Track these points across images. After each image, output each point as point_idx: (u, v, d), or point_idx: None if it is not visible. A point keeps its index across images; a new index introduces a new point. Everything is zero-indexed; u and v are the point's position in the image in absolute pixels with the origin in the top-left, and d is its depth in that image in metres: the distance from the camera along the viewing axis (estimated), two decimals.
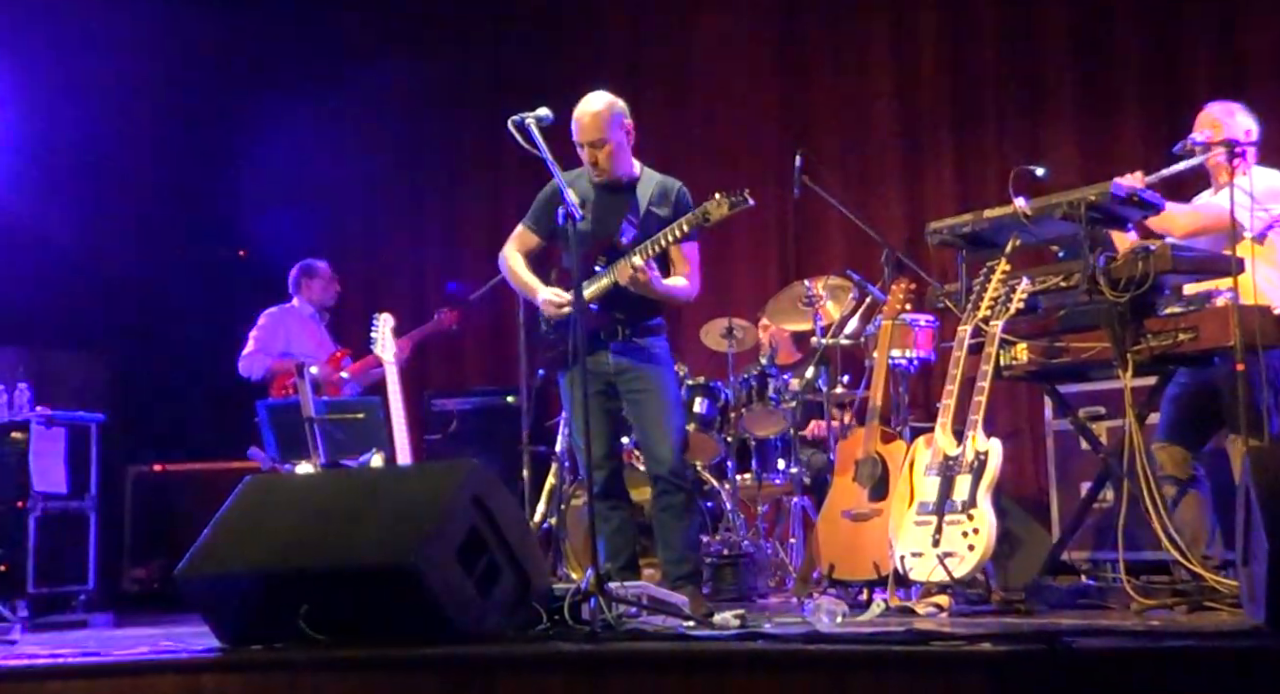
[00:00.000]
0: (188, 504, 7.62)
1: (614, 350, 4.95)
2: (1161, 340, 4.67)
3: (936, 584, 4.54)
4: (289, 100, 9.20)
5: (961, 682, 2.75)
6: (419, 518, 3.59)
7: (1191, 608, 4.37)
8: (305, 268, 7.69)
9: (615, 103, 5.00)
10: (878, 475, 5.12)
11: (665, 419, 4.94)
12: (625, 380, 4.96)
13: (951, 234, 5.14)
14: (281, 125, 9.27)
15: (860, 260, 7.01)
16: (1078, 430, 5.45)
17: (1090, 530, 5.76)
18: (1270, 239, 5.03)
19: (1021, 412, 7.24)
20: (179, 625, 5.22)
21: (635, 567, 5.04)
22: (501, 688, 3.16)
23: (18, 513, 7.48)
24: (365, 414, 6.32)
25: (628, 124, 5.03)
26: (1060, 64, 7.51)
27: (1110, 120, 7.37)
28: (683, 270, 5.03)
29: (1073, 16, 7.48)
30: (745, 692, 2.95)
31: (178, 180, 9.24)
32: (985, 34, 7.73)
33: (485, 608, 3.61)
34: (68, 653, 4.01)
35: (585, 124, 4.96)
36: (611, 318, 4.94)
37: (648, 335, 5.00)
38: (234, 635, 3.76)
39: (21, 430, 7.53)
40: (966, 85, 7.76)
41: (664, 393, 4.97)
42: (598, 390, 4.91)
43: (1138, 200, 4.82)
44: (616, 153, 4.99)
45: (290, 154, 9.33)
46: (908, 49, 7.94)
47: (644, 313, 4.99)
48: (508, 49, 9.03)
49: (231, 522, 3.92)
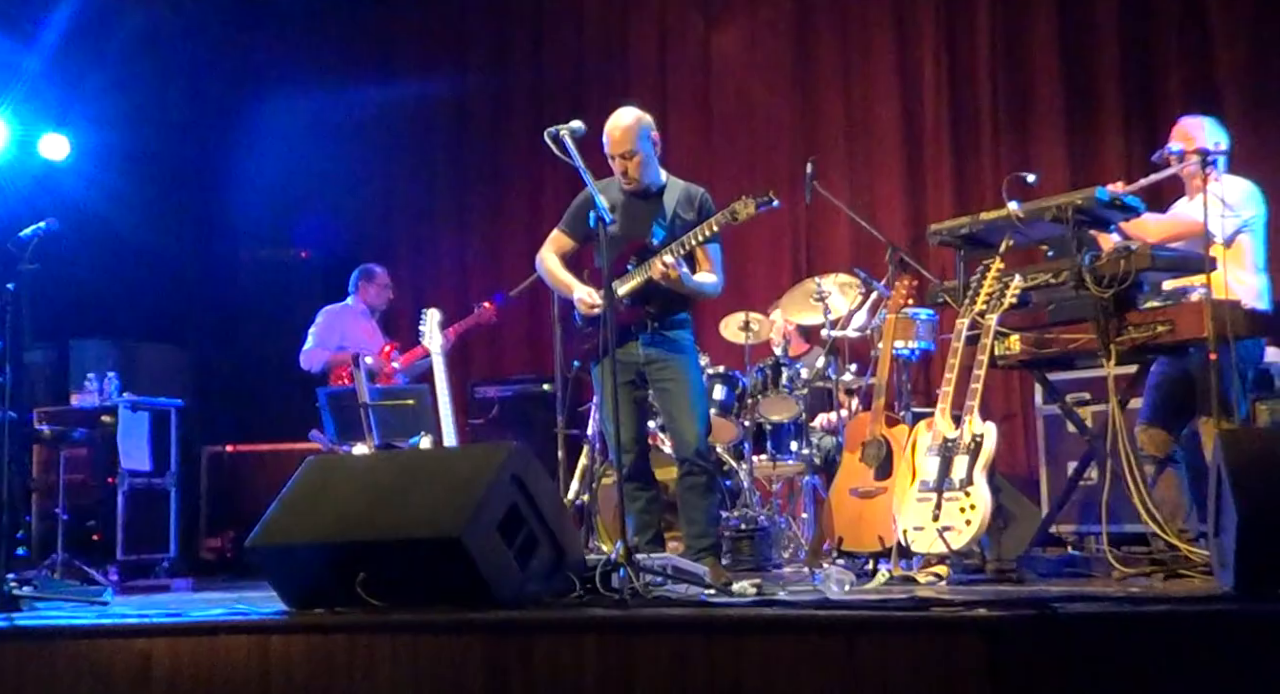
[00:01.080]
0: (256, 481, 7.67)
1: (644, 342, 4.94)
2: (1141, 332, 4.66)
3: (936, 555, 4.52)
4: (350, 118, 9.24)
5: (959, 644, 2.73)
6: (464, 495, 3.59)
7: (1168, 576, 4.35)
8: (365, 271, 7.71)
9: (643, 117, 4.98)
10: (882, 456, 5.10)
11: (691, 406, 4.91)
12: (654, 370, 4.94)
13: (950, 235, 5.12)
14: (341, 139, 9.32)
15: (866, 259, 6.99)
16: (1065, 414, 5.43)
17: (1076, 506, 5.74)
18: (1238, 242, 5.01)
19: (1014, 397, 7.20)
20: (250, 590, 5.25)
21: (661, 540, 5.03)
22: (538, 650, 3.15)
23: (108, 488, 7.56)
24: (415, 400, 6.34)
25: (655, 136, 5.01)
26: (1048, 82, 7.47)
27: (1094, 132, 7.33)
28: (707, 268, 5.00)
29: (1059, 39, 7.44)
30: (761, 653, 2.93)
31: (249, 189, 9.28)
32: (980, 55, 7.68)
33: (524, 577, 3.61)
34: (153, 613, 4.04)
35: (616, 137, 4.94)
36: (642, 312, 4.92)
37: (675, 328, 4.97)
38: (298, 600, 3.77)
39: (111, 415, 7.60)
40: (963, 101, 7.72)
41: (690, 382, 4.95)
42: (627, 380, 4.90)
43: (1120, 204, 4.82)
44: (645, 163, 4.97)
45: (349, 165, 9.38)
46: (910, 68, 7.90)
47: (672, 308, 4.96)
48: (546, 68, 9.01)
49: (295, 498, 3.93)
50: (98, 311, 8.69)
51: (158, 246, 8.80)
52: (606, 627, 3.20)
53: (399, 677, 3.27)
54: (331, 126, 9.28)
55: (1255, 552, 3.18)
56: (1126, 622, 2.97)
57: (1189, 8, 7.08)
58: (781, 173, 7.84)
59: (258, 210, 9.33)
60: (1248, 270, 5.00)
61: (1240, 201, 5.01)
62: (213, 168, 9.14)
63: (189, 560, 7.82)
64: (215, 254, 9.18)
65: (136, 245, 8.74)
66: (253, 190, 9.30)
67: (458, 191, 9.28)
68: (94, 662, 3.63)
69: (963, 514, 4.46)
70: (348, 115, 9.25)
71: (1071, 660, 2.75)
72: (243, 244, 9.27)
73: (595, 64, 8.77)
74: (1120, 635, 2.86)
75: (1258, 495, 3.22)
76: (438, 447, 5.91)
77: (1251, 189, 5.10)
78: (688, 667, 2.98)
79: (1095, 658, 2.76)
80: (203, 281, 9.17)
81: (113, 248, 8.62)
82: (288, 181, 9.35)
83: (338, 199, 9.33)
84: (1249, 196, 5.07)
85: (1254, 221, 5.03)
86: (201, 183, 9.11)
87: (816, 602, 3.61)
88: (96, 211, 8.21)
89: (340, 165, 9.37)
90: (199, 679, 3.50)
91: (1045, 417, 6.45)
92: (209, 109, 9.18)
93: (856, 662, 2.80)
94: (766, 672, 2.90)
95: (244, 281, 9.24)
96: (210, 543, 8.05)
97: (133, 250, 8.76)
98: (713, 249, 5.00)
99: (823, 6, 8.23)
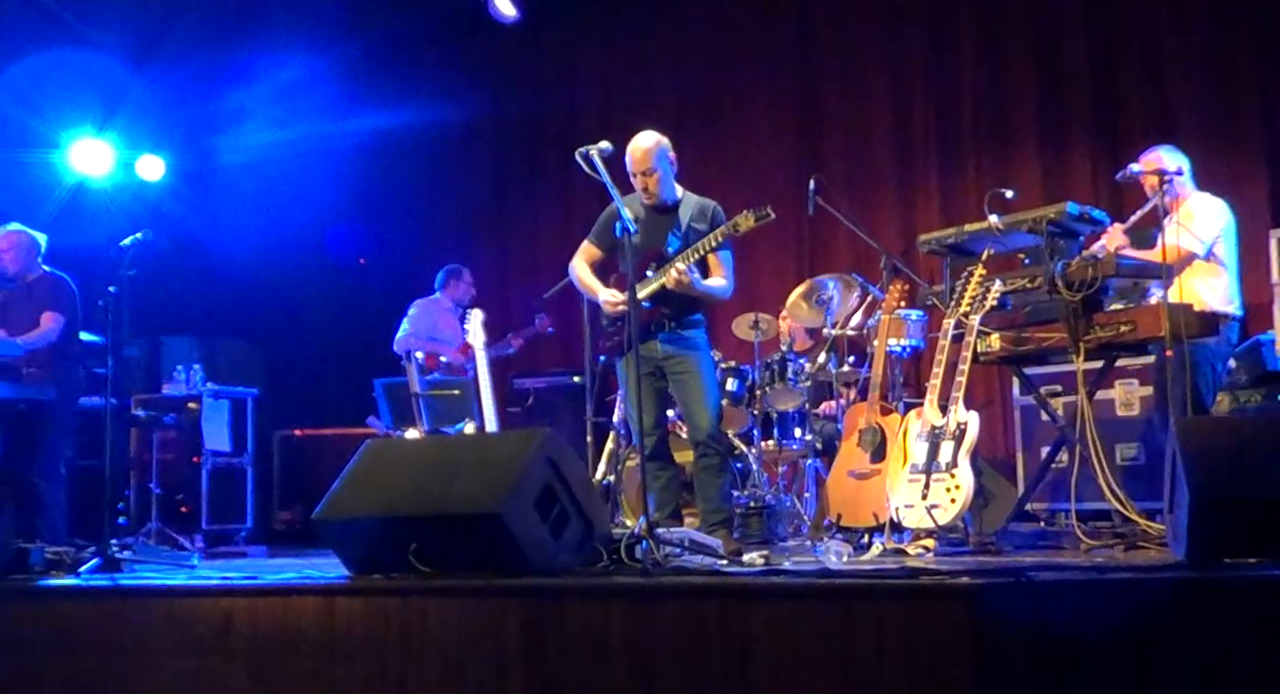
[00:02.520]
0: (321, 462, 7.68)
1: (662, 340, 4.92)
2: (1107, 331, 4.66)
3: (925, 530, 4.49)
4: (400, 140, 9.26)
5: (945, 608, 2.72)
6: (504, 475, 3.58)
7: (1128, 547, 4.35)
8: (453, 270, 7.61)
9: (661, 140, 4.96)
10: (877, 442, 5.06)
11: (704, 395, 4.90)
12: (671, 365, 4.93)
13: (938, 244, 5.11)
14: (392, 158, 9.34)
15: (863, 266, 6.96)
16: (1039, 405, 5.42)
17: (1048, 486, 5.70)
18: (1212, 254, 4.98)
19: (994, 389, 7.15)
20: (317, 558, 5.24)
21: (679, 515, 5.01)
22: (570, 613, 3.15)
23: (193, 467, 7.61)
24: (460, 391, 6.34)
25: (672, 156, 4.99)
26: (1024, 109, 7.44)
27: (1064, 153, 7.29)
28: (719, 273, 4.98)
29: (1033, 73, 7.41)
30: (769, 616, 2.92)
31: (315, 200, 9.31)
32: (965, 83, 7.66)
33: (557, 548, 3.59)
34: (233, 576, 4.07)
35: (638, 157, 4.93)
36: (660, 313, 4.91)
37: (690, 328, 4.96)
38: (358, 566, 3.77)
39: (195, 402, 7.66)
40: (949, 126, 7.69)
41: (703, 374, 4.93)
42: (648, 372, 4.88)
43: (1088, 217, 4.81)
44: (663, 180, 4.95)
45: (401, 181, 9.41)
46: (901, 94, 7.87)
47: (687, 309, 4.95)
48: (578, 94, 9.00)
49: (355, 477, 3.93)
50: (185, 311, 8.75)
51: (236, 253, 8.85)
52: (630, 593, 3.19)
53: (446, 634, 3.27)
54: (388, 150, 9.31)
55: (1203, 527, 3.20)
56: (1092, 587, 2.98)
57: (1147, 46, 7.05)
58: (786, 187, 7.81)
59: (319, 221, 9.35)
60: (1221, 278, 4.97)
61: (1209, 217, 4.98)
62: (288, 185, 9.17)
63: (263, 530, 7.85)
64: (287, 260, 9.21)
65: (218, 252, 8.79)
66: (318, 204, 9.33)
67: (497, 205, 9.29)
68: (184, 617, 3.65)
69: (948, 493, 4.44)
70: (401, 140, 9.27)
71: (1044, 622, 2.74)
72: (309, 251, 9.30)
73: (622, 94, 8.75)
74: (1087, 599, 2.87)
75: (1206, 477, 3.23)
76: (480, 432, 5.90)
77: (1220, 203, 5.07)
78: (703, 628, 2.97)
79: (1065, 620, 2.76)
80: (276, 284, 9.21)
81: (199, 256, 8.67)
82: (349, 196, 9.38)
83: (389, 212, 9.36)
84: (1219, 212, 5.04)
85: (1224, 233, 5.00)
86: (276, 198, 9.14)
87: (818, 571, 3.59)
88: (180, 222, 8.25)
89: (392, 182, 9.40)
90: (273, 633, 3.51)
91: (1021, 407, 6.40)
92: (283, 136, 9.22)
93: (853, 624, 2.79)
94: (773, 633, 2.89)
95: (311, 285, 9.28)
96: (282, 515, 8.09)
97: (215, 257, 8.81)
98: (724, 256, 4.97)
99: (825, 46, 8.21)
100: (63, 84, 7.94)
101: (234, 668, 3.53)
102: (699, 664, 2.95)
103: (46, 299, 5.97)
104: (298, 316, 9.28)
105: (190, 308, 8.78)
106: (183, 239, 8.19)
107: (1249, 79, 6.71)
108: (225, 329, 8.85)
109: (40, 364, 5.83)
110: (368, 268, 9.30)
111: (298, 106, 9.01)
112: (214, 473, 7.66)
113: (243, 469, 7.82)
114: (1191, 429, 3.50)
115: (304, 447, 8.11)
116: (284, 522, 8.04)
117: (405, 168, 9.42)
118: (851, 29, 8.12)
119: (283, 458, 8.14)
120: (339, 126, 9.18)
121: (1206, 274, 4.92)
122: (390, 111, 9.23)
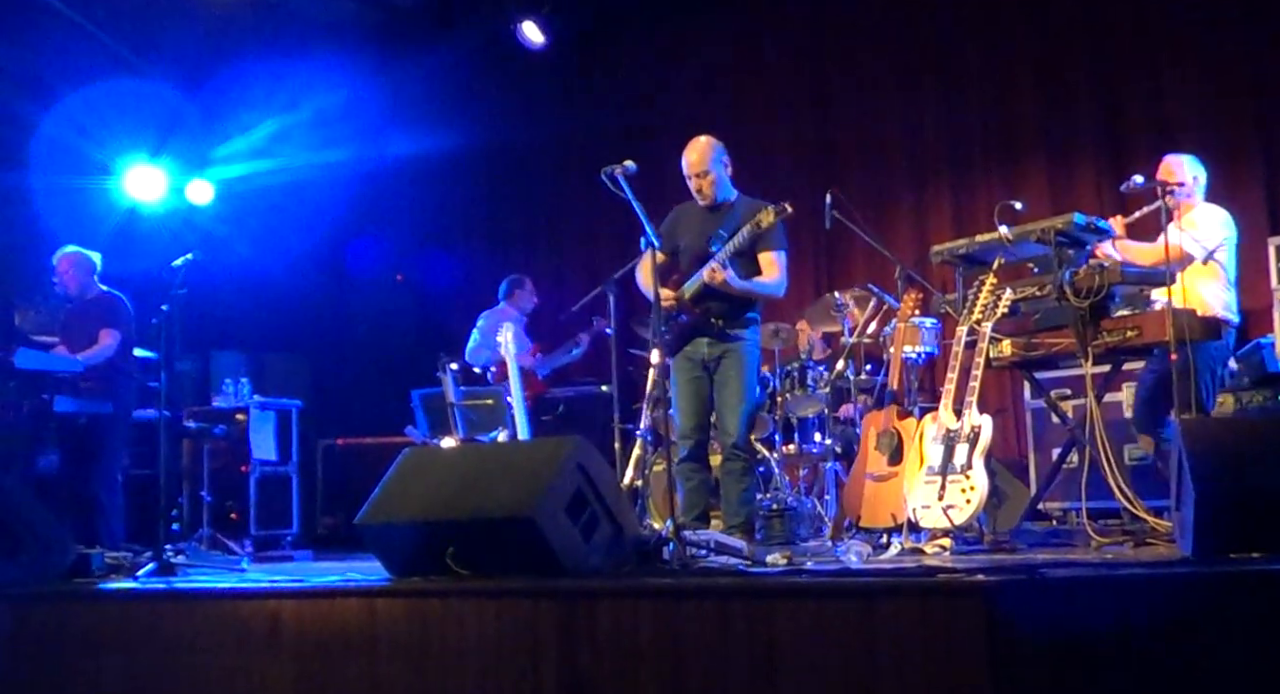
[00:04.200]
0: (362, 469, 7.70)
1: (709, 341, 4.89)
2: (1114, 336, 4.64)
3: (941, 529, 4.47)
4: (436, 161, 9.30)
5: (961, 605, 2.70)
6: (536, 481, 3.58)
7: (1137, 544, 4.31)
8: (515, 280, 7.62)
9: (715, 142, 4.94)
10: (894, 445, 5.04)
11: (739, 401, 4.83)
12: (715, 366, 4.89)
13: (950, 255, 5.09)
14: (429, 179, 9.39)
15: (878, 276, 6.93)
16: (1049, 408, 5.38)
17: (1060, 486, 5.67)
18: (1213, 261, 4.97)
19: (1006, 393, 7.12)
20: (359, 561, 5.25)
21: (706, 518, 4.99)
22: (601, 612, 3.14)
23: (241, 475, 7.66)
24: (494, 400, 6.36)
25: (726, 159, 4.96)
26: (1032, 123, 7.44)
27: (1070, 166, 7.28)
28: (771, 272, 4.90)
29: (1039, 88, 7.41)
30: (791, 615, 2.91)
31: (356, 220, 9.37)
32: (973, 100, 7.66)
33: (588, 550, 3.58)
34: (281, 579, 4.10)
35: (693, 159, 4.90)
36: (707, 312, 4.88)
37: (738, 327, 4.87)
38: (399, 569, 3.78)
39: (243, 413, 7.71)
40: (961, 139, 7.69)
41: (743, 379, 4.84)
42: (696, 375, 4.86)
43: (1094, 227, 4.79)
44: (717, 182, 4.92)
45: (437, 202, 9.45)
46: (913, 111, 7.87)
47: (735, 308, 4.87)
48: (600, 116, 9.01)
49: (395, 483, 3.93)
50: (233, 328, 8.82)
51: (281, 271, 8.91)
52: (659, 593, 3.18)
53: (484, 634, 3.27)
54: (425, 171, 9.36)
55: (1209, 523, 3.18)
56: (1103, 583, 2.95)
57: (1146, 64, 7.04)
58: (804, 202, 7.76)
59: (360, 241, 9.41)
60: (1221, 285, 4.95)
61: (1213, 227, 4.96)
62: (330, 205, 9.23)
63: (308, 535, 7.89)
64: (330, 277, 9.27)
65: (264, 270, 8.86)
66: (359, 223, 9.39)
67: (527, 221, 9.33)
68: (234, 618, 3.66)
69: (963, 494, 4.42)
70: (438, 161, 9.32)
71: (1057, 617, 2.72)
72: (352, 268, 9.36)
73: (643, 117, 8.77)
74: (1098, 595, 2.84)
75: (1212, 475, 3.22)
76: (513, 440, 5.91)
77: (1224, 215, 5.06)
78: (728, 627, 2.96)
79: (1077, 614, 2.74)
80: (320, 301, 9.27)
81: (245, 274, 8.74)
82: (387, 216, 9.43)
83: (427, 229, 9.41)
84: (1222, 222, 5.02)
85: (1227, 243, 4.98)
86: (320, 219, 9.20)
87: (839, 570, 3.59)
88: (227, 242, 8.33)
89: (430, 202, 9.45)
90: (319, 633, 3.52)
91: (1033, 410, 6.37)
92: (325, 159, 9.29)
93: (874, 621, 2.77)
94: (796, 631, 2.88)
95: (353, 301, 9.33)
96: (325, 521, 8.13)
97: (262, 275, 8.88)
98: (777, 255, 4.90)
99: (840, 69, 8.22)
100: (117, 112, 8.03)
101: (281, 666, 3.55)
102: (725, 661, 2.94)
103: (104, 317, 6.04)
104: (339, 331, 9.34)
105: (237, 324, 8.85)
106: (229, 260, 8.26)
107: (1245, 91, 6.69)
108: (271, 344, 8.92)
109: (98, 379, 5.90)
110: (405, 284, 9.34)
111: (340, 130, 9.09)
112: (261, 481, 7.71)
113: (288, 477, 7.87)
114: (1195, 429, 3.49)
115: (346, 455, 8.15)
116: (327, 527, 8.08)
117: (442, 187, 9.47)
118: (866, 52, 8.14)
119: (326, 466, 8.19)
120: (374, 150, 9.24)
121: (1209, 279, 4.91)
122: (422, 135, 9.29)
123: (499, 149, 9.28)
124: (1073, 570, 3.14)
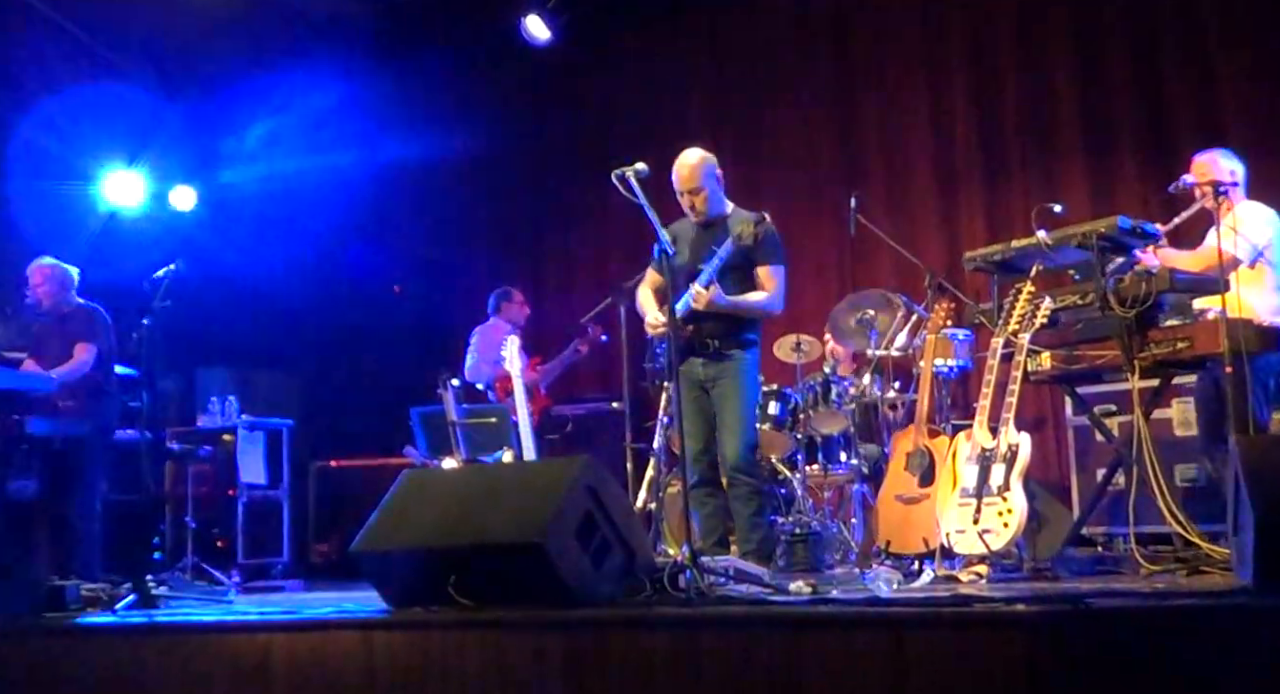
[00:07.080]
0: (358, 492, 7.72)
1: (704, 360, 4.91)
2: (1163, 348, 4.59)
3: (977, 556, 4.45)
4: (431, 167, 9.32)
5: (1000, 637, 2.68)
6: (543, 504, 3.58)
7: (1191, 572, 4.25)
8: (503, 293, 7.72)
9: (707, 156, 4.96)
10: (925, 465, 5.03)
11: (735, 423, 4.86)
12: (712, 387, 4.91)
13: (984, 261, 5.07)
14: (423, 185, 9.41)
15: (907, 285, 6.93)
16: (1093, 425, 5.36)
17: (1105, 509, 5.64)
18: (1259, 264, 4.94)
19: (1046, 410, 7.10)
20: (355, 591, 5.26)
21: (725, 543, 4.99)
22: (613, 644, 3.14)
23: (229, 500, 7.66)
24: (497, 419, 6.36)
25: (718, 173, 4.99)
26: (1070, 119, 7.40)
27: (1112, 164, 7.25)
28: (768, 287, 4.93)
29: (1078, 82, 7.38)
30: (816, 647, 2.90)
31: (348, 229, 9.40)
32: (1007, 97, 7.64)
33: (599, 578, 3.59)
34: (271, 611, 4.09)
35: (684, 175, 4.93)
36: (702, 332, 4.89)
37: (735, 347, 4.91)
38: (397, 599, 3.78)
39: (230, 434, 7.72)
40: (993, 138, 7.67)
41: (739, 400, 4.88)
42: (695, 396, 4.87)
43: (1140, 231, 4.76)
44: (710, 197, 4.96)
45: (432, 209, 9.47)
46: (944, 109, 7.86)
47: (730, 328, 4.90)
48: (611, 118, 9.04)
49: (393, 507, 3.94)
50: (219, 343, 8.84)
51: (270, 286, 8.94)
52: (675, 623, 3.18)
53: (487, 668, 3.27)
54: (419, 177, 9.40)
55: (1271, 549, 3.12)
56: (1154, 615, 2.91)
57: (1193, 52, 7.01)
58: (828, 207, 7.80)
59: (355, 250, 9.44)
60: (1268, 290, 4.93)
61: (1259, 225, 4.94)
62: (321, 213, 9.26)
63: (300, 564, 7.88)
64: (321, 291, 9.29)
65: (252, 285, 8.88)
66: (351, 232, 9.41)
67: (531, 228, 9.35)
68: (222, 652, 3.67)
69: (1000, 518, 4.39)
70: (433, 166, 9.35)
71: (1104, 651, 2.69)
72: (343, 282, 9.38)
73: (658, 117, 8.78)
74: (1148, 628, 2.80)
75: (1272, 497, 3.16)
76: (519, 461, 5.91)
77: (1270, 214, 5.03)
78: (750, 660, 2.95)
79: (1126, 649, 2.71)
80: (310, 316, 9.29)
81: (232, 286, 8.77)
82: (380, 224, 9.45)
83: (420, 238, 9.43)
84: (1267, 220, 5.00)
85: (1274, 242, 4.95)
86: (310, 228, 9.24)
87: (867, 600, 3.57)
88: (216, 257, 8.37)
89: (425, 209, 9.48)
90: (312, 668, 3.52)
91: (1075, 427, 6.35)
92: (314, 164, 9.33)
93: (905, 655, 2.76)
94: (822, 664, 2.86)
95: (346, 315, 9.35)
96: (319, 548, 8.12)
97: (250, 290, 8.91)
98: (774, 269, 4.93)
99: (863, 63, 8.22)
100: (95, 116, 8.08)
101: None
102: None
103: (79, 330, 6.05)
104: (331, 346, 9.35)
105: (224, 339, 8.87)
106: (215, 270, 8.30)
107: None
108: (260, 360, 8.93)
109: (75, 397, 5.90)
110: (402, 296, 9.36)
111: (329, 135, 9.12)
112: (249, 506, 7.71)
113: (278, 502, 7.87)
114: (1252, 447, 3.44)
115: (340, 477, 8.15)
116: (321, 554, 8.07)
117: (436, 194, 9.50)
118: (890, 43, 8.14)
119: (318, 489, 8.18)
120: (370, 154, 9.28)
121: (1255, 285, 4.89)
122: (421, 138, 9.32)
123: (502, 152, 9.31)
124: (1120, 601, 3.12)
